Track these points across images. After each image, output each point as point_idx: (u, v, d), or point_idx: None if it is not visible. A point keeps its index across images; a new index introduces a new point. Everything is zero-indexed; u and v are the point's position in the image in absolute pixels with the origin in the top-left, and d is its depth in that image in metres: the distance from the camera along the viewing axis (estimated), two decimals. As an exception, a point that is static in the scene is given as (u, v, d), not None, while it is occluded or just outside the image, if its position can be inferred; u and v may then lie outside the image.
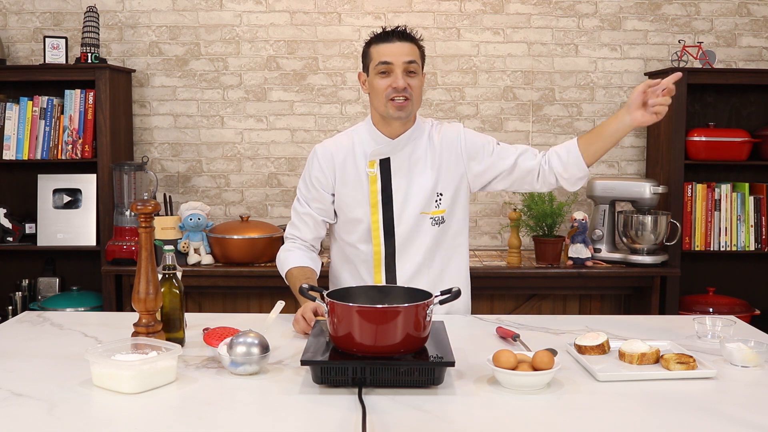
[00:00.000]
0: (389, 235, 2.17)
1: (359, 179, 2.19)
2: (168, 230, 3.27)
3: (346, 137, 2.24)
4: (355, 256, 2.24)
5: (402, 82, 2.06)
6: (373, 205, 2.17)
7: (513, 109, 3.73)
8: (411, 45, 2.10)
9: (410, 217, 2.17)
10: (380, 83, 2.09)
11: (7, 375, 1.64)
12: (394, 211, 2.17)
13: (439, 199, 2.18)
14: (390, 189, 2.17)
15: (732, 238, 3.52)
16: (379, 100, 2.11)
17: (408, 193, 2.17)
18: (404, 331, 1.56)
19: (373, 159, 2.17)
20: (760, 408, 1.48)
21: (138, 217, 1.77)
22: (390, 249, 2.18)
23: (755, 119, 3.71)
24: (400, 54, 2.07)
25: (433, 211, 2.17)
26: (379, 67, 2.08)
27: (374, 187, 2.17)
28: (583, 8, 3.69)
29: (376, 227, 2.17)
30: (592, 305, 3.53)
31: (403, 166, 2.17)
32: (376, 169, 2.17)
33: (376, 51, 2.10)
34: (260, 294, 3.45)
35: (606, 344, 1.78)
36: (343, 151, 2.21)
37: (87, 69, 3.38)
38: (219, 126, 3.74)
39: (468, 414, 1.44)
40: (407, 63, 2.07)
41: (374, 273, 2.21)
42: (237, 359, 1.62)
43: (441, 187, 2.18)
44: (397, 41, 2.08)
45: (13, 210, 3.58)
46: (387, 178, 2.17)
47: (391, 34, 2.09)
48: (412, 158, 2.18)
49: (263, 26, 3.68)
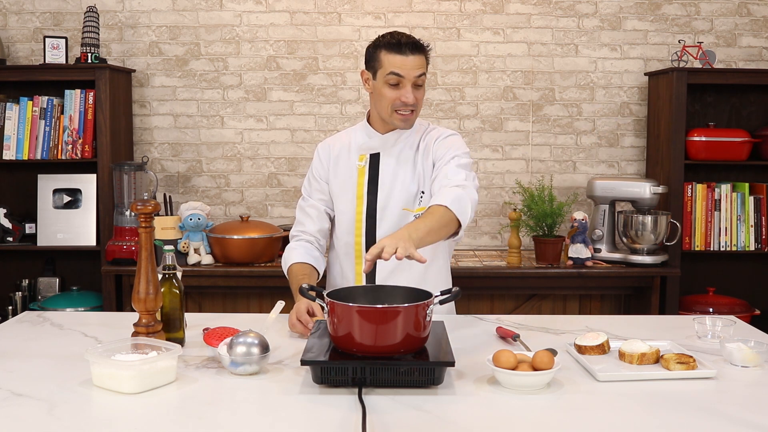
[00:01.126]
0: (371, 227, 2.18)
1: (350, 172, 2.24)
2: (168, 230, 3.27)
3: (345, 134, 2.32)
4: (340, 248, 2.27)
5: (411, 97, 2.08)
6: (359, 197, 2.21)
7: (513, 109, 3.73)
8: (422, 57, 2.10)
9: (393, 212, 2.19)
10: (389, 93, 2.10)
11: (7, 375, 1.64)
12: (377, 204, 2.19)
13: (421, 197, 2.20)
14: (376, 182, 2.20)
15: (732, 238, 3.52)
16: (383, 108, 2.13)
17: (392, 188, 2.19)
18: (404, 331, 1.56)
19: (363, 153, 2.22)
20: (760, 408, 1.48)
21: (138, 217, 1.77)
22: (371, 242, 2.18)
23: (755, 119, 3.71)
24: (413, 68, 2.07)
25: (417, 209, 2.19)
26: (389, 77, 2.08)
27: (361, 180, 2.21)
28: (583, 8, 3.69)
29: (360, 218, 2.20)
30: (592, 305, 3.52)
31: (391, 163, 2.21)
32: (366, 162, 2.22)
33: (388, 60, 2.08)
34: (260, 294, 3.45)
35: (606, 344, 1.78)
36: (340, 144, 2.28)
37: (87, 69, 3.38)
38: (219, 126, 3.74)
39: (468, 414, 1.44)
40: (417, 77, 2.09)
41: (356, 265, 2.22)
42: (237, 359, 1.62)
43: (423, 185, 2.20)
44: (411, 54, 2.07)
45: (13, 210, 3.58)
46: (375, 172, 2.21)
47: (405, 46, 2.07)
48: (401, 156, 2.21)
49: (263, 26, 3.68)
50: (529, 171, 3.75)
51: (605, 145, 3.76)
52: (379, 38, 2.12)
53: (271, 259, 3.31)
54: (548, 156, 3.75)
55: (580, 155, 3.75)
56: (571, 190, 3.73)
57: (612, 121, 3.75)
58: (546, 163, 3.74)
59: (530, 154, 3.73)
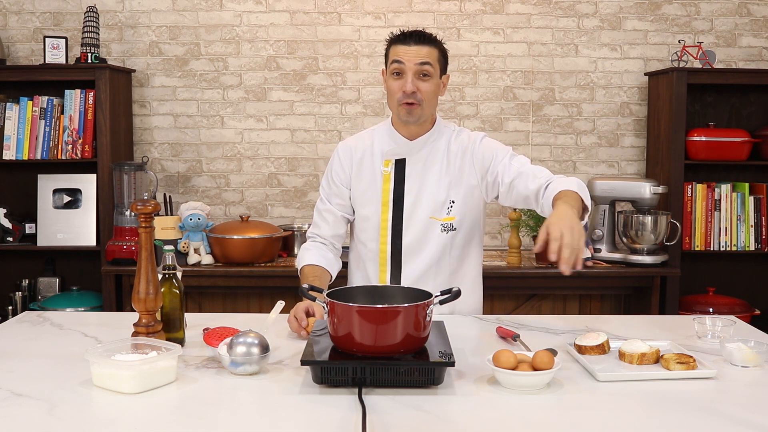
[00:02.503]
0: (397, 235, 2.17)
1: (374, 176, 2.20)
2: (168, 230, 3.27)
3: (367, 135, 2.27)
4: (365, 254, 2.25)
5: (410, 86, 2.06)
6: (384, 203, 2.18)
7: (513, 109, 3.73)
8: (428, 48, 2.08)
9: (420, 220, 2.17)
10: (393, 85, 2.10)
11: (7, 375, 1.64)
12: (404, 211, 2.17)
13: (450, 206, 2.17)
14: (402, 189, 2.18)
15: (732, 238, 3.52)
16: (392, 102, 2.13)
17: (419, 195, 2.17)
18: (404, 331, 1.56)
19: (389, 158, 2.19)
20: (760, 408, 1.48)
21: (138, 217, 1.77)
22: (397, 249, 2.18)
23: (755, 119, 3.71)
24: (413, 56, 2.06)
25: (444, 218, 2.17)
26: (392, 66, 2.09)
27: (387, 186, 2.18)
28: (583, 8, 3.69)
29: (385, 225, 2.18)
30: (592, 305, 3.52)
31: (418, 169, 2.18)
32: (391, 168, 2.19)
33: (393, 51, 2.10)
34: (260, 294, 3.45)
35: (606, 344, 1.78)
36: (362, 147, 2.23)
37: (87, 69, 3.38)
38: (219, 126, 3.74)
39: (468, 414, 1.44)
40: (419, 65, 2.06)
41: (380, 272, 2.21)
42: (237, 359, 1.62)
43: (453, 194, 2.17)
44: (414, 44, 2.07)
45: (13, 210, 3.58)
46: (400, 178, 2.18)
47: (409, 36, 2.08)
48: (427, 162, 2.18)
49: (263, 26, 3.68)
50: (529, 171, 3.75)
51: (605, 145, 3.76)
52: (391, 34, 2.14)
53: (271, 259, 3.31)
54: (548, 156, 3.75)
55: (580, 155, 3.75)
56: (571, 190, 3.72)
57: (612, 121, 3.75)
58: (546, 163, 3.74)
59: (530, 154, 3.73)
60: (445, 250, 2.19)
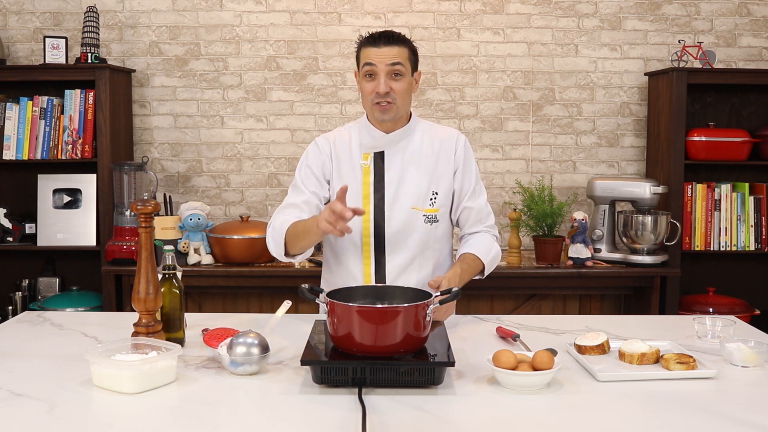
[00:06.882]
0: (379, 227, 2.17)
1: (353, 170, 2.21)
2: (168, 230, 3.27)
3: (345, 130, 2.28)
4: (348, 248, 2.23)
5: (384, 87, 2.09)
6: (365, 196, 2.18)
7: (513, 109, 3.73)
8: (399, 48, 2.11)
9: (401, 210, 2.17)
10: (366, 86, 2.13)
11: (7, 375, 1.64)
12: (385, 203, 2.17)
13: (434, 197, 2.18)
14: (383, 181, 2.18)
15: (732, 238, 3.52)
16: (366, 103, 2.16)
17: (400, 186, 2.18)
18: (404, 331, 1.56)
19: (367, 152, 2.20)
20: (760, 408, 1.48)
21: (138, 217, 1.77)
22: (380, 241, 2.18)
23: (755, 119, 3.71)
24: (384, 57, 2.09)
25: (427, 209, 2.18)
26: (364, 68, 2.12)
27: (367, 179, 2.19)
28: (583, 8, 3.69)
29: (367, 218, 2.17)
30: (592, 305, 3.52)
31: (397, 161, 2.19)
32: (370, 161, 2.20)
33: (364, 53, 2.13)
34: (260, 294, 3.45)
35: (606, 344, 1.78)
36: (341, 142, 2.24)
37: (87, 69, 3.38)
38: (219, 126, 3.74)
39: (468, 414, 1.44)
40: (391, 65, 2.09)
41: (364, 266, 2.19)
42: (237, 359, 1.62)
43: (435, 185, 2.19)
44: (384, 45, 2.10)
45: (13, 210, 3.58)
46: (380, 170, 2.19)
47: (378, 38, 2.11)
48: (406, 153, 2.20)
49: (263, 26, 3.68)
50: (529, 171, 3.75)
51: (605, 145, 3.76)
52: (360, 37, 2.17)
53: (271, 259, 3.31)
54: (548, 156, 3.75)
55: (580, 155, 3.75)
56: (571, 190, 3.73)
57: (612, 121, 3.75)
58: (546, 163, 3.74)
59: (530, 154, 3.73)
60: (428, 241, 2.19)
